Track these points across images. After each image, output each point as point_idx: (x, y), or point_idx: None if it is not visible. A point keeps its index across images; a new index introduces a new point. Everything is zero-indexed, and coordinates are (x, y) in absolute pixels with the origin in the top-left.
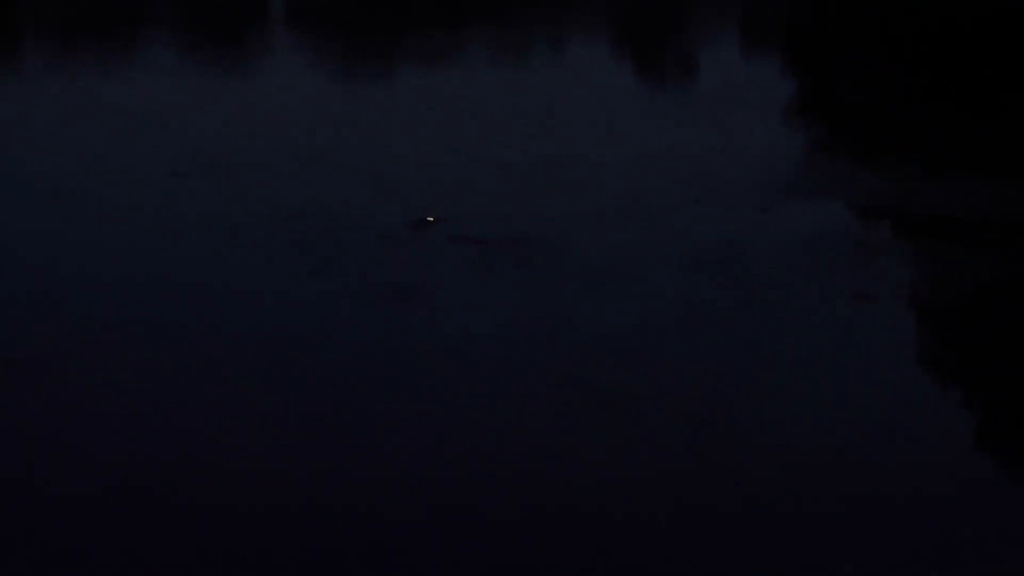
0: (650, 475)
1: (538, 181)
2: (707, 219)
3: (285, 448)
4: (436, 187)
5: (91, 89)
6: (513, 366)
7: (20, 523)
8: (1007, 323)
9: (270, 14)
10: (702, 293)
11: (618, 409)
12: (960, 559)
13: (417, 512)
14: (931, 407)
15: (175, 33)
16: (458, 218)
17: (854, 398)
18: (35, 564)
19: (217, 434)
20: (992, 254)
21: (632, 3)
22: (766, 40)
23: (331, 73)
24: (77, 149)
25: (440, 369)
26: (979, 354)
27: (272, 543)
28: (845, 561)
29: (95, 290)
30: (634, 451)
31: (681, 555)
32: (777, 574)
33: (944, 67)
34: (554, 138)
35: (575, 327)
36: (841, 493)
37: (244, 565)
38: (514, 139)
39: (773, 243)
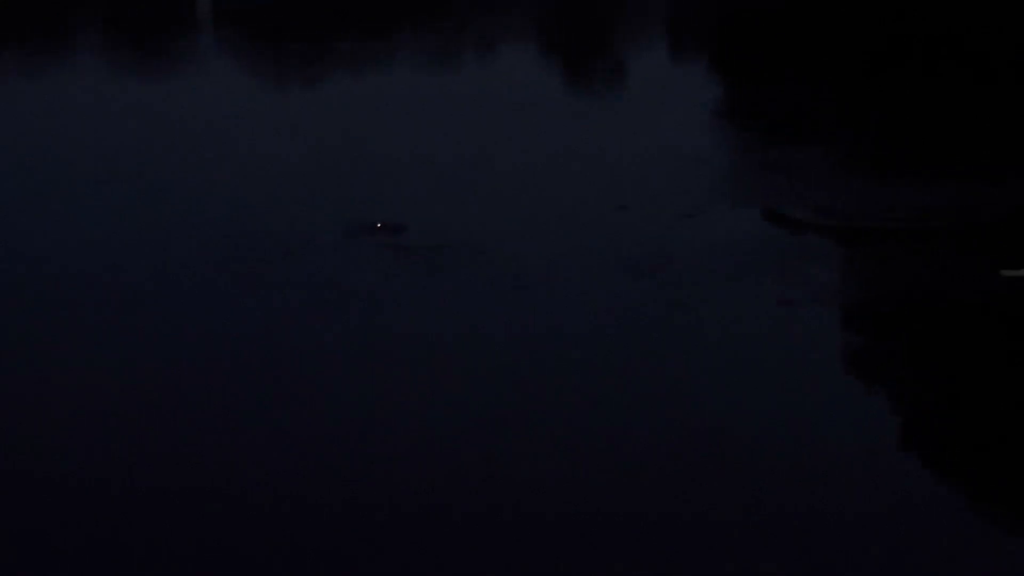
0: (568, 479)
1: (467, 186)
2: (634, 224)
3: (223, 452)
4: (366, 193)
5: (15, 94)
6: (439, 369)
7: None
8: (928, 328)
9: (198, 18)
10: (628, 298)
11: (540, 413)
12: (886, 562)
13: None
14: (854, 411)
15: (100, 37)
16: (387, 223)
17: (777, 403)
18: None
19: (153, 440)
20: (916, 260)
21: (562, 8)
22: (695, 45)
23: (260, 78)
24: None
25: (363, 372)
26: (901, 359)
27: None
28: (766, 570)
29: (21, 297)
30: (554, 454)
31: (590, 560)
32: None
33: (874, 71)
34: (483, 142)
35: (500, 332)
36: (762, 499)
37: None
38: (444, 144)
39: (699, 248)
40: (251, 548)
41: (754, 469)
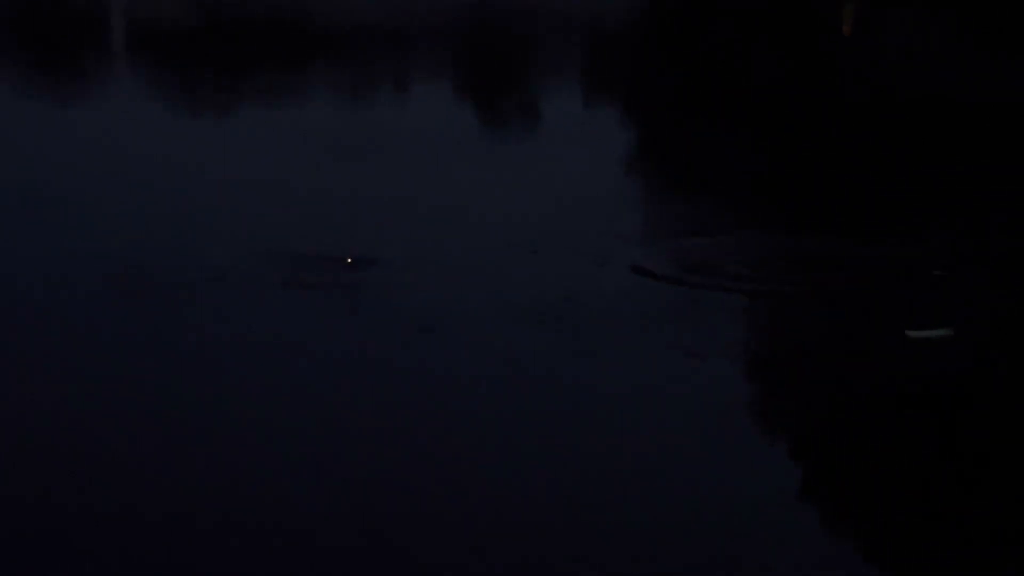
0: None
1: (374, 225)
2: (544, 269)
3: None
4: (272, 227)
5: None
6: (340, 413)
7: None
8: (837, 379)
9: (108, 45)
10: (533, 346)
11: (434, 460)
12: None
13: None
14: (754, 463)
15: (9, 61)
16: (289, 260)
17: (674, 453)
18: None
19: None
20: (824, 316)
21: (475, 48)
22: (608, 88)
23: (169, 108)
24: None
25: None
26: (808, 410)
27: None
28: None
29: None
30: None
31: None
32: None
33: (784, 117)
34: (392, 182)
35: (399, 377)
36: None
37: None
38: (352, 181)
39: (609, 295)
40: None
41: (650, 522)
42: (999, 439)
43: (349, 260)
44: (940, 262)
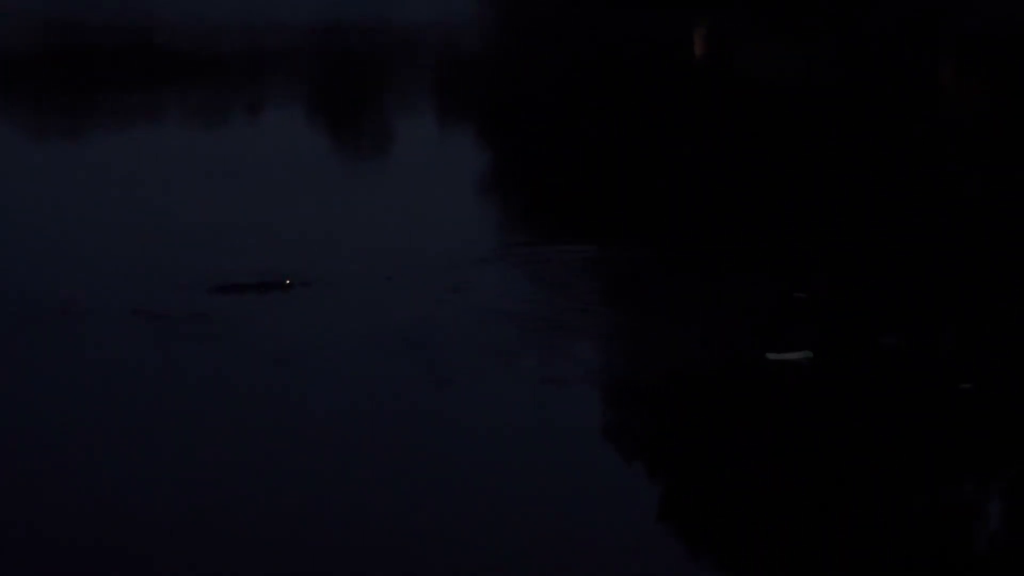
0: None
1: (226, 253)
2: (399, 296)
3: None
4: (119, 257)
5: None
6: (196, 443)
7: None
8: (695, 403)
9: None
10: (390, 375)
11: (295, 493)
12: None
13: None
14: (615, 489)
15: None
16: (140, 290)
17: (538, 481)
18: None
19: None
20: (684, 339)
21: (330, 72)
22: (463, 113)
23: (19, 132)
24: None
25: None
26: (663, 435)
27: None
28: None
29: None
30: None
31: None
32: None
33: (644, 135)
34: (243, 209)
35: (257, 407)
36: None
37: None
38: (207, 207)
39: (465, 322)
40: None
41: (508, 548)
42: (855, 459)
43: (288, 281)
44: (802, 285)
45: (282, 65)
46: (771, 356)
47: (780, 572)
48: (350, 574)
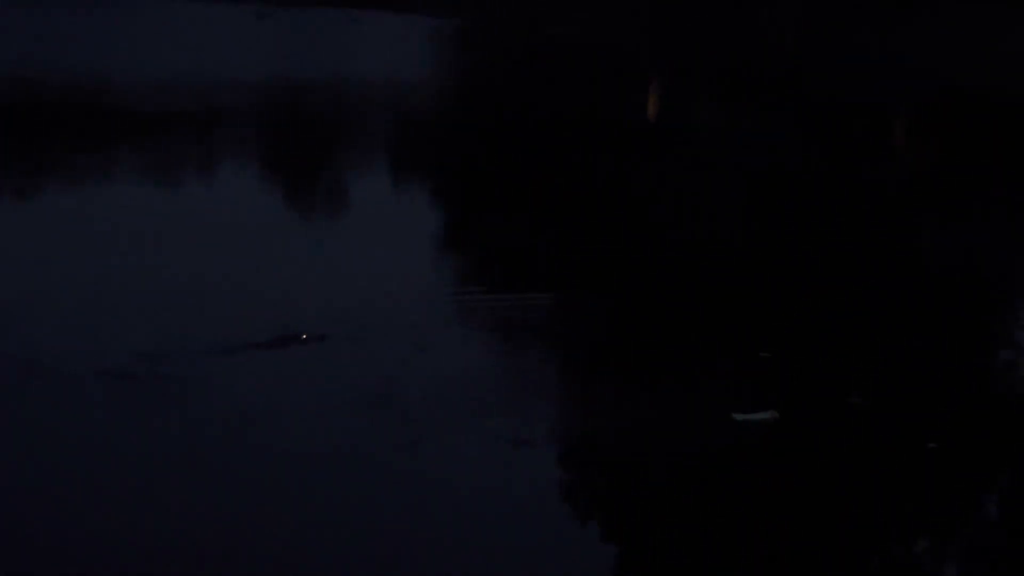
0: None
1: (184, 313)
2: (362, 356)
3: None
4: (74, 317)
5: None
6: (154, 503)
7: None
8: (663, 464)
9: None
10: (355, 433)
11: (267, 554)
12: None
13: None
14: (581, 549)
15: None
16: (97, 351)
17: (498, 542)
18: None
19: None
20: (651, 400)
21: (284, 130)
22: (418, 171)
23: None
24: None
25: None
26: (633, 496)
27: None
28: None
29: None
30: None
31: None
32: None
33: (600, 193)
34: (197, 266)
35: (220, 470)
36: None
37: None
38: (157, 266)
39: (431, 383)
40: None
41: None
42: (823, 519)
43: (304, 336)
44: (766, 344)
45: (235, 123)
46: (737, 416)
47: None
48: None
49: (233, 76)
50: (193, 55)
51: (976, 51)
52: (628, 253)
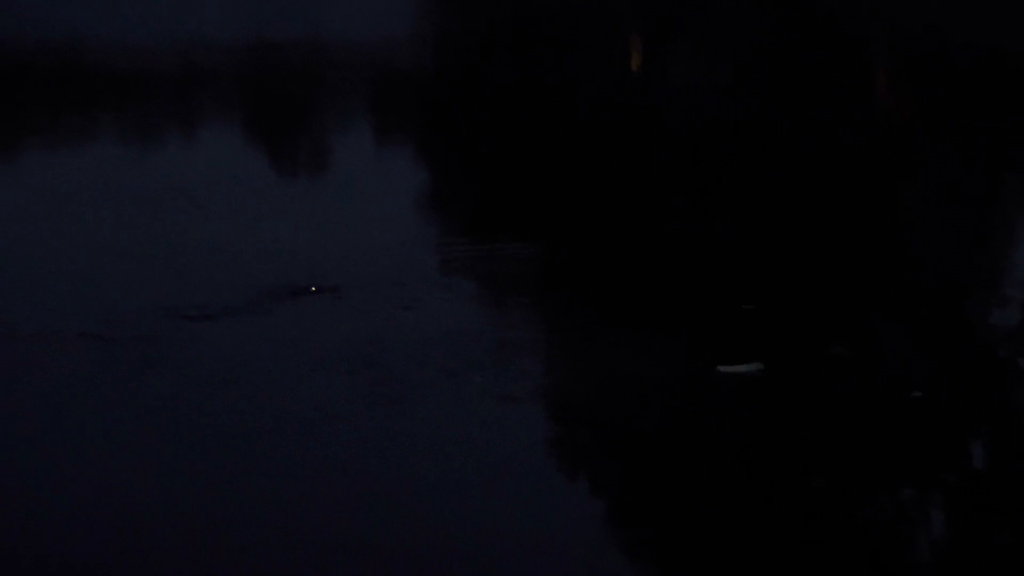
0: None
1: (165, 273)
2: (347, 315)
3: None
4: (57, 278)
5: None
6: (138, 464)
7: None
8: (649, 417)
9: None
10: (339, 392)
11: (250, 514)
12: None
13: None
14: (564, 509)
15: None
16: (79, 313)
17: (486, 499)
18: None
19: None
20: (635, 352)
21: (264, 89)
22: (401, 128)
23: None
24: None
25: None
26: (620, 449)
27: None
28: None
29: None
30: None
31: None
32: None
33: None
34: (180, 227)
35: (203, 427)
36: None
37: None
38: (140, 227)
39: (415, 341)
40: None
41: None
42: (809, 469)
43: (313, 288)
44: (749, 297)
45: (214, 83)
46: (722, 369)
47: None
48: None
49: (209, 34)
50: (167, 13)
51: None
52: (610, 207)
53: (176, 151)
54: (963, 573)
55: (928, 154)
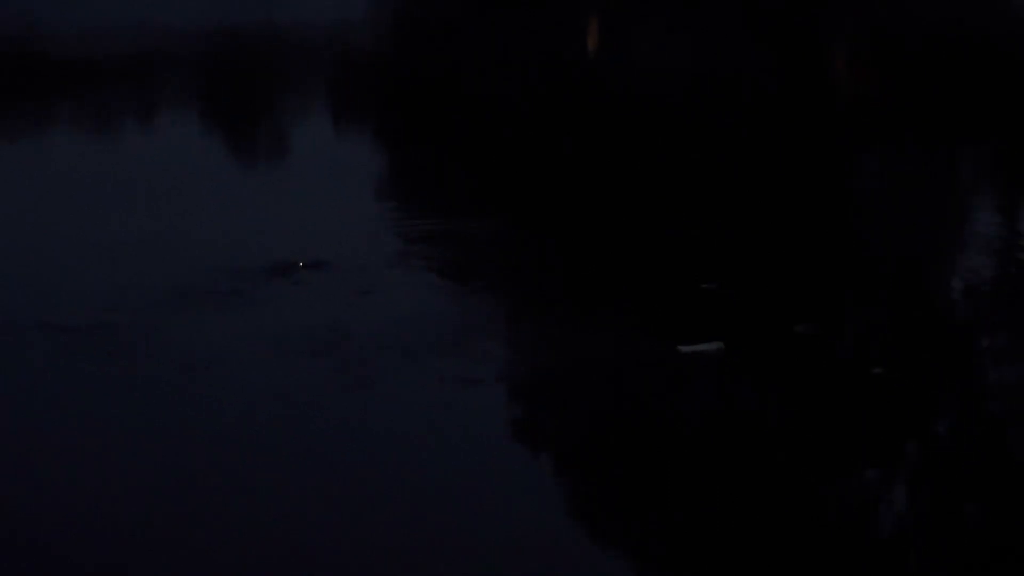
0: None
1: (126, 263)
2: (308, 300)
3: None
4: (17, 268)
5: None
6: (101, 449)
7: None
8: (611, 397)
9: None
10: (302, 377)
11: (220, 502)
12: None
13: None
14: (528, 490)
15: None
16: (42, 304)
17: (452, 482)
18: None
19: None
20: (595, 334)
21: (220, 75)
22: (357, 112)
23: None
24: None
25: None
26: (582, 430)
27: None
28: None
29: None
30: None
31: None
32: None
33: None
34: (139, 216)
35: (166, 413)
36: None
37: None
38: (100, 218)
39: (376, 325)
40: None
41: (422, 547)
42: (771, 448)
43: (301, 264)
44: (709, 276)
45: (171, 69)
46: (683, 348)
47: (691, 568)
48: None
49: (170, 23)
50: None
51: None
52: (570, 186)
53: (134, 138)
54: (926, 551)
55: (890, 137)
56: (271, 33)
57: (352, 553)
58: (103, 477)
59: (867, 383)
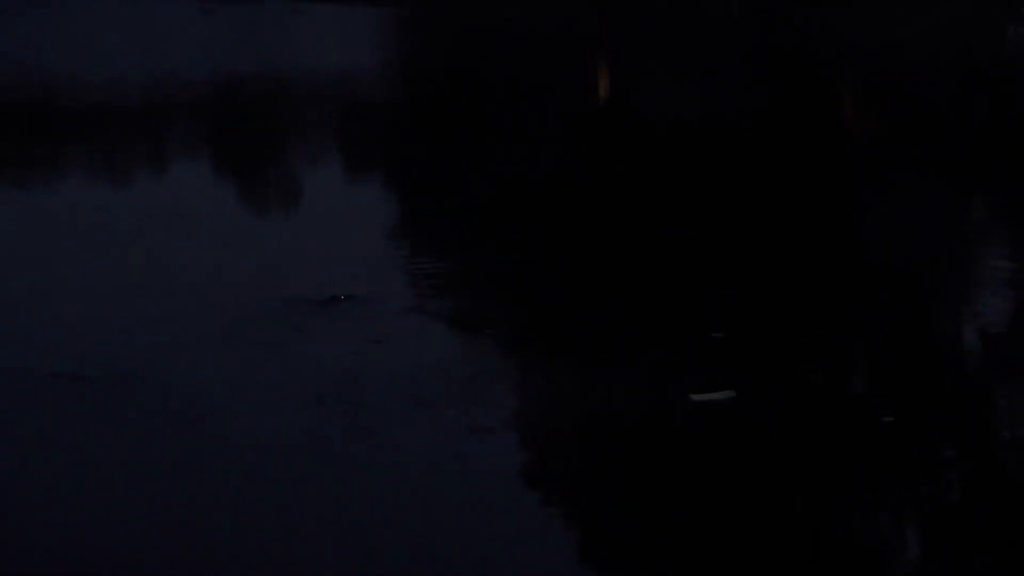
0: None
1: (136, 310)
2: (319, 348)
3: None
4: (28, 316)
5: None
6: (112, 499)
7: None
8: (622, 447)
9: None
10: (312, 426)
11: (218, 544)
12: None
13: None
14: (537, 538)
15: None
16: (51, 352)
17: (464, 528)
18: None
19: None
20: (608, 383)
21: (232, 123)
22: (369, 161)
23: None
24: None
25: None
26: (595, 479)
27: None
28: None
29: None
30: None
31: None
32: None
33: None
34: (150, 261)
35: (177, 461)
36: None
37: None
38: (108, 263)
39: (388, 373)
40: None
41: None
42: (783, 496)
43: (343, 297)
44: (718, 325)
45: (183, 118)
46: (694, 397)
47: None
48: None
49: (179, 72)
50: (137, 51)
51: (920, 20)
52: (580, 235)
53: (144, 185)
54: None
55: (896, 176)
56: (279, 78)
57: None
58: (112, 527)
59: (877, 432)
